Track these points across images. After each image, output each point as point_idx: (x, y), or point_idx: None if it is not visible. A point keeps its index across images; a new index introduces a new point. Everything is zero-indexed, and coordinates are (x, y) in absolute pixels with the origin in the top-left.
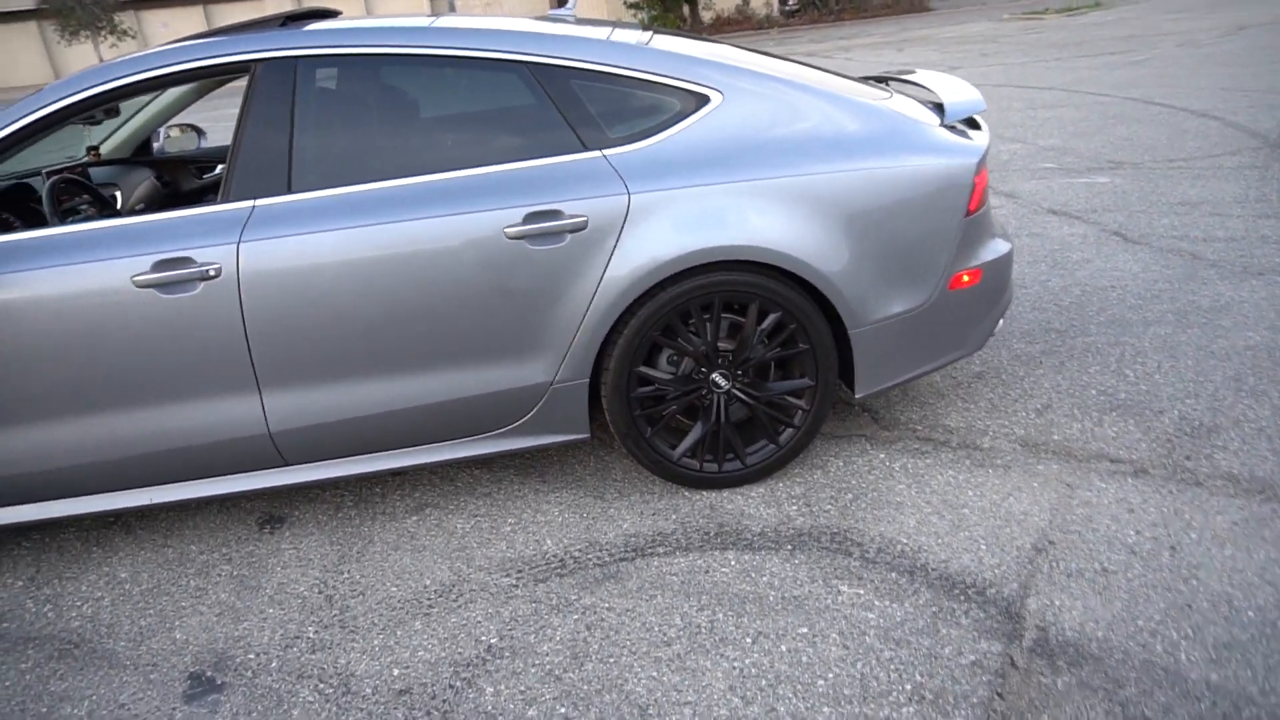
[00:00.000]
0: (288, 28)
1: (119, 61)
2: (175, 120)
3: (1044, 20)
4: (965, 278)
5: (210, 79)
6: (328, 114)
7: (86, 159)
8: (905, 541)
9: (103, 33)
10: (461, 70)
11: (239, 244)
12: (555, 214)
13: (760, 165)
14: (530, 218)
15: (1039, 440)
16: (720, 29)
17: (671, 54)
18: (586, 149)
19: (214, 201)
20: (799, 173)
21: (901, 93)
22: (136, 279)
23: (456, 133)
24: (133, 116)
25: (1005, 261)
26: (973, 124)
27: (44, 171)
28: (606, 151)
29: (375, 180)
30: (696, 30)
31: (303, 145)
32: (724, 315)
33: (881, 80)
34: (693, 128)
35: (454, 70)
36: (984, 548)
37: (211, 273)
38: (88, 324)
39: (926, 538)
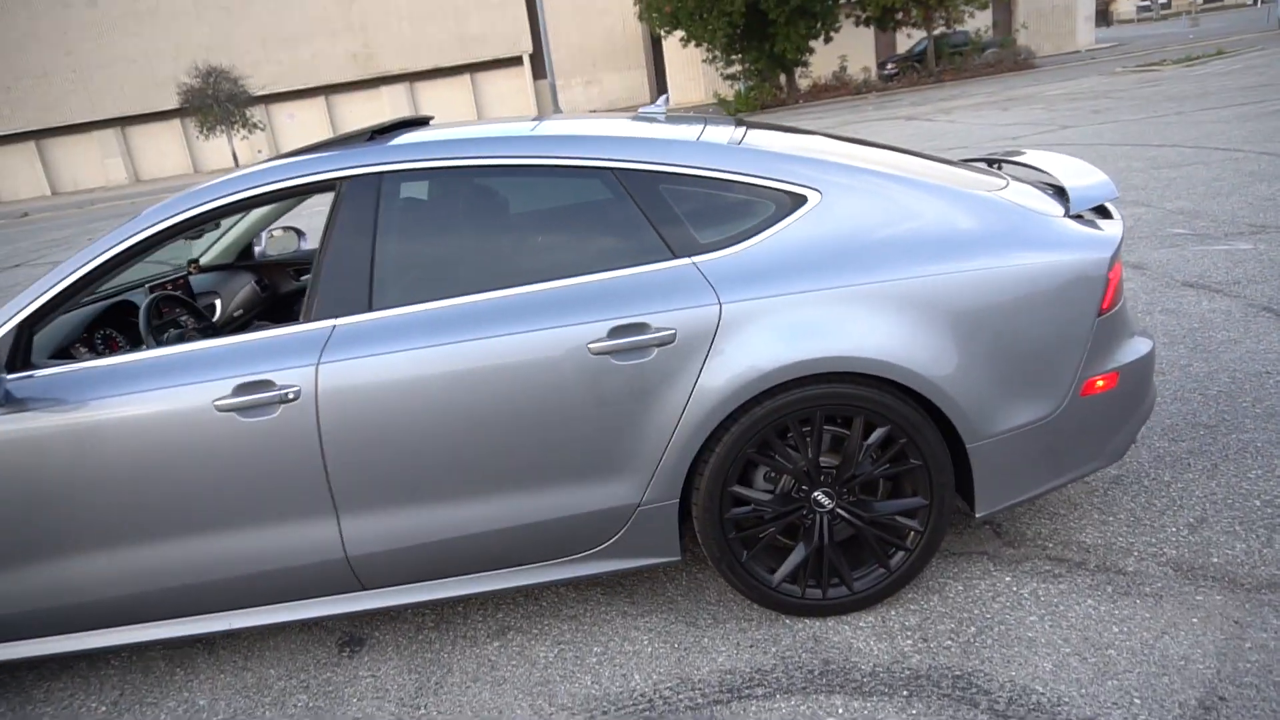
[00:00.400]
0: (375, 142)
1: (211, 185)
2: (276, 224)
3: (1161, 71)
4: (1100, 383)
5: (301, 196)
6: (409, 229)
7: (187, 271)
8: (1041, 690)
9: (235, 126)
10: (545, 179)
11: (318, 365)
12: (641, 327)
13: (863, 269)
14: (615, 332)
15: (1195, 563)
16: (818, 96)
17: (765, 152)
18: (675, 256)
19: (298, 319)
20: (907, 276)
21: (1018, 179)
22: (218, 403)
23: (539, 243)
24: (235, 224)
25: (1146, 363)
26: (1102, 211)
27: (146, 286)
28: (697, 259)
29: (455, 295)
30: (793, 98)
31: (383, 262)
32: (826, 428)
33: (993, 164)
34: (789, 230)
35: (537, 179)
36: (1138, 702)
37: (291, 395)
38: (171, 448)
39: (1067, 686)
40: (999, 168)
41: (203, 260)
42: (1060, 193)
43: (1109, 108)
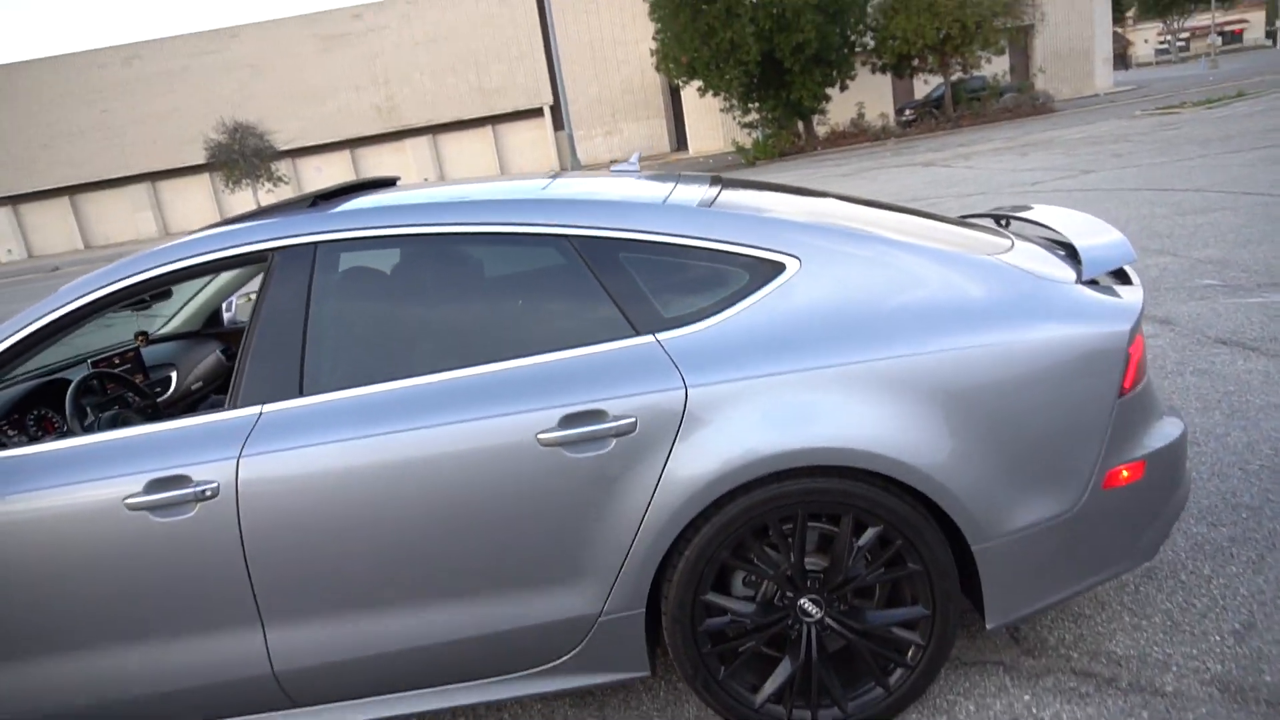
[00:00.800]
0: (318, 208)
1: (129, 260)
2: (248, 288)
3: (1181, 114)
4: (1124, 473)
5: (231, 269)
6: (346, 305)
7: (136, 344)
8: None
9: (261, 180)
10: (494, 248)
11: (239, 459)
12: (598, 415)
13: (849, 346)
14: (568, 420)
15: (1244, 681)
16: (836, 143)
17: (737, 215)
18: (637, 333)
19: (222, 407)
20: (898, 354)
21: (1025, 238)
22: (129, 501)
23: (488, 320)
24: (203, 288)
25: (1176, 449)
26: (1120, 276)
27: (89, 361)
28: (660, 336)
29: (394, 379)
30: (812, 145)
31: (317, 342)
32: (813, 524)
33: (999, 220)
34: (764, 302)
35: (486, 249)
36: None
37: (208, 493)
38: (79, 552)
39: None
40: (1005, 224)
41: (169, 327)
42: (1072, 254)
43: (1130, 151)
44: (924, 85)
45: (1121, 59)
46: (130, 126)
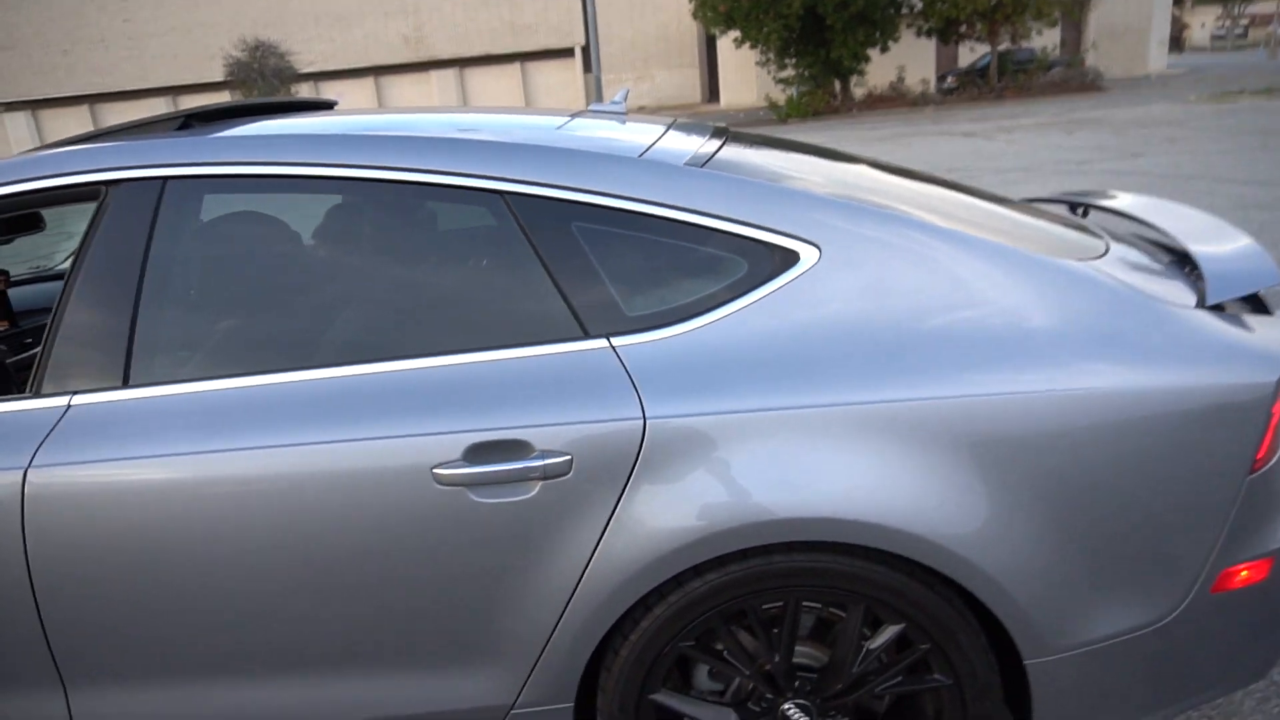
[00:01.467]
0: (191, 131)
1: None
2: None
3: (1239, 102)
4: (1243, 573)
5: (54, 205)
6: (197, 268)
7: None
8: None
9: None
10: (402, 203)
11: (28, 469)
12: (518, 448)
13: (878, 376)
14: (475, 452)
15: None
16: (873, 105)
17: (740, 180)
18: (586, 336)
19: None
20: (947, 395)
21: (1116, 235)
22: None
23: (385, 303)
24: None
25: None
26: (1253, 303)
27: None
28: (618, 342)
29: (253, 374)
30: (847, 106)
31: (153, 314)
32: (809, 604)
33: (1074, 208)
34: (764, 305)
35: (391, 203)
36: None
37: None
38: None
39: None
40: (1083, 214)
41: (65, 264)
42: (1184, 264)
43: (1184, 137)
44: (969, 53)
45: (1176, 42)
46: (153, 38)
